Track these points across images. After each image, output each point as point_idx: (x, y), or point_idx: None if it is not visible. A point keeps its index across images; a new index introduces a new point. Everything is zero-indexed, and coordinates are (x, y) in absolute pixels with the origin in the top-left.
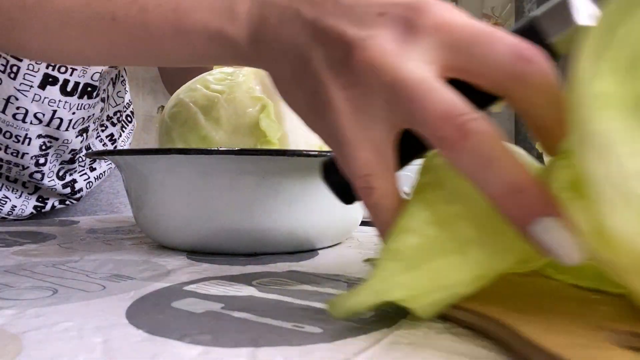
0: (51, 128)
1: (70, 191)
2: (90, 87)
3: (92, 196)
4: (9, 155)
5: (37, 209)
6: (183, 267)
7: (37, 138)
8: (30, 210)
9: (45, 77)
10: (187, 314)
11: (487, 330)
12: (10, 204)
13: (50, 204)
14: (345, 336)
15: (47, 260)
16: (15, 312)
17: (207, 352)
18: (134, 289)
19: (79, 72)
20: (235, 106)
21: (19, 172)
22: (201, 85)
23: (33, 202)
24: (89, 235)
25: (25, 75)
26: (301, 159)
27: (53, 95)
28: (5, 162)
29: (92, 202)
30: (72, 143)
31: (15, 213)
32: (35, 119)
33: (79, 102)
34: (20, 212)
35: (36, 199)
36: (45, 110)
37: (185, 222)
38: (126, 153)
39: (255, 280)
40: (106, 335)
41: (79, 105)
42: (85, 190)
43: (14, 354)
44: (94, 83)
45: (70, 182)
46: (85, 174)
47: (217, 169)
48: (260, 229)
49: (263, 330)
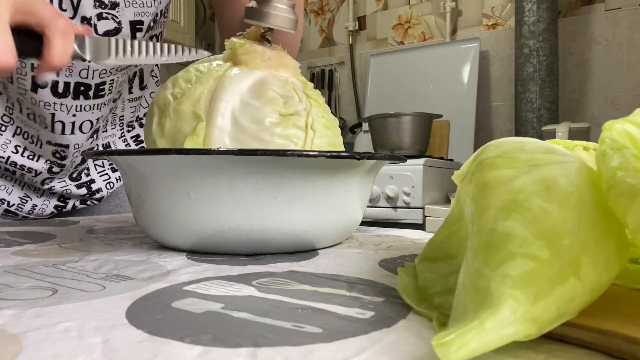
0: (56, 134)
1: (87, 192)
2: (83, 87)
3: (116, 196)
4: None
5: (58, 208)
6: (183, 267)
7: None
8: (51, 210)
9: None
10: (187, 314)
11: (610, 347)
12: (31, 203)
13: (71, 204)
14: (345, 336)
15: (47, 260)
16: (15, 312)
17: (207, 352)
18: (134, 289)
19: (65, 72)
20: (177, 118)
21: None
22: (172, 83)
23: (54, 202)
24: (89, 235)
25: (18, 79)
26: (301, 159)
27: (46, 98)
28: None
29: (117, 202)
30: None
31: (35, 212)
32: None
33: (76, 103)
34: (41, 212)
35: (57, 199)
36: (45, 114)
37: (185, 222)
38: (126, 153)
39: (255, 280)
40: (106, 335)
41: (78, 106)
42: (105, 191)
43: (14, 354)
44: (86, 82)
45: (86, 183)
46: (106, 174)
47: (217, 169)
48: (260, 229)
49: (263, 330)
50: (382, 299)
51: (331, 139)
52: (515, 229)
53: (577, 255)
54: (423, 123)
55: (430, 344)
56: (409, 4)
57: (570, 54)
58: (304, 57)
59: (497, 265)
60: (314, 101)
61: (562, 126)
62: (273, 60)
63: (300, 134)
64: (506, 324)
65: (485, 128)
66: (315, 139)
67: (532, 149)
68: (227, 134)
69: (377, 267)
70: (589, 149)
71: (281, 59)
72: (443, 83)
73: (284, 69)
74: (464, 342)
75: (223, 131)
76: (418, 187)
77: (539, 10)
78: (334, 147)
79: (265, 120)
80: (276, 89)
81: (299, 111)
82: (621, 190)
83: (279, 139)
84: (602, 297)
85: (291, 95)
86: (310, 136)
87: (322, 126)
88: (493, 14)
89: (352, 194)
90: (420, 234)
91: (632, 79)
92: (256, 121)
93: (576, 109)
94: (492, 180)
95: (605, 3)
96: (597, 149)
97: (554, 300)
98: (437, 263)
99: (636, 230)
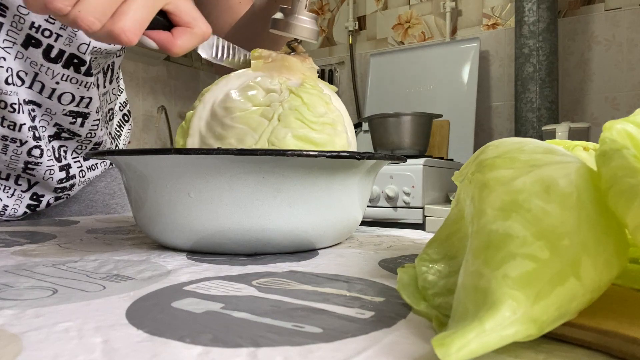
0: (34, 91)
1: (65, 176)
2: (77, 59)
3: (87, 197)
4: (7, 129)
5: (30, 207)
6: (183, 267)
7: (25, 104)
8: (24, 210)
9: (28, 38)
10: (187, 314)
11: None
12: (1, 204)
13: (45, 202)
14: (345, 336)
15: (47, 260)
16: (15, 312)
17: (207, 352)
18: (134, 289)
19: (64, 40)
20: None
21: (17, 151)
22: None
23: (26, 201)
24: (88, 235)
25: (9, 32)
26: (301, 159)
27: (35, 57)
28: (2, 139)
29: (88, 203)
30: (56, 115)
31: (7, 213)
32: (18, 78)
33: (64, 72)
34: (13, 212)
35: (30, 197)
36: (28, 70)
37: (185, 222)
38: (126, 153)
39: (255, 280)
40: (106, 335)
41: (64, 76)
42: (78, 179)
43: (14, 354)
44: (81, 56)
45: (66, 166)
46: (79, 162)
47: (217, 169)
48: (260, 229)
49: (263, 330)
50: (382, 299)
51: (302, 132)
52: (515, 229)
53: (577, 255)
54: (423, 123)
55: (430, 344)
56: (409, 4)
57: (570, 54)
58: None
59: (497, 266)
60: (297, 97)
61: (562, 126)
62: (276, 63)
63: (264, 122)
64: (506, 325)
65: (485, 128)
66: (278, 128)
67: (531, 150)
68: (204, 121)
69: (377, 267)
70: (589, 149)
71: (284, 62)
72: (443, 83)
73: (287, 70)
74: (464, 342)
75: (201, 119)
76: (418, 187)
77: (539, 10)
78: (302, 140)
79: (235, 109)
80: (263, 85)
81: (273, 103)
82: (621, 191)
83: (239, 124)
84: (602, 297)
85: (275, 90)
86: (273, 124)
87: (293, 118)
88: (493, 13)
89: (352, 194)
90: (420, 234)
91: (632, 79)
92: (228, 110)
93: (576, 109)
94: (492, 180)
95: (605, 3)
96: (597, 149)
97: (554, 301)
98: (437, 263)
99: (636, 230)
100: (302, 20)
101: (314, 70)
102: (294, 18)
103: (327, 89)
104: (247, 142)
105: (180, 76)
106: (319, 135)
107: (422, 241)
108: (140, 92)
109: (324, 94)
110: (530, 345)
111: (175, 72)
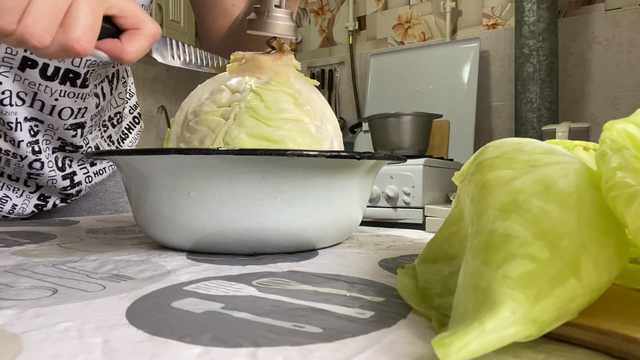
0: (35, 109)
1: (70, 184)
2: (72, 74)
3: (96, 195)
4: (9, 143)
5: (38, 207)
6: (183, 267)
7: (25, 121)
8: (31, 209)
9: (24, 60)
10: (187, 314)
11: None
12: (11, 203)
13: (52, 202)
14: (345, 336)
15: (47, 260)
16: (15, 312)
17: (207, 352)
18: (134, 289)
19: None
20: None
21: (18, 164)
22: None
23: (34, 201)
24: (89, 235)
25: (4, 58)
26: (301, 159)
27: (32, 78)
28: (4, 153)
29: (97, 201)
30: (59, 130)
31: (16, 212)
32: (19, 99)
33: (61, 88)
34: (21, 211)
35: (37, 198)
36: (27, 91)
37: (185, 222)
38: (126, 153)
39: (255, 280)
40: (106, 335)
41: (62, 92)
42: (84, 184)
43: (14, 354)
44: (76, 69)
45: (70, 175)
46: (85, 168)
47: (217, 169)
48: (260, 229)
49: (263, 330)
50: (382, 299)
51: (257, 130)
52: (514, 229)
53: (577, 255)
54: (423, 123)
55: (430, 344)
56: (409, 4)
57: (570, 54)
58: (304, 57)
59: (497, 266)
60: (256, 95)
61: (562, 126)
62: (248, 64)
63: (221, 122)
64: (506, 325)
65: (485, 128)
66: (232, 127)
67: (531, 150)
68: (179, 127)
69: (377, 267)
70: (589, 149)
71: (255, 62)
72: (443, 83)
73: (258, 70)
74: (464, 343)
75: (178, 124)
76: (418, 187)
77: (539, 10)
78: (256, 138)
79: (201, 112)
80: (231, 87)
81: (233, 104)
82: (621, 191)
83: (202, 127)
84: (602, 297)
85: (239, 91)
86: (229, 124)
87: (247, 116)
88: (493, 13)
89: (352, 194)
90: (420, 234)
91: (632, 79)
92: (195, 114)
93: (576, 109)
94: (492, 181)
95: (605, 3)
96: (597, 149)
97: (554, 301)
98: (437, 264)
99: (636, 230)
100: (275, 17)
101: (289, 67)
102: (266, 16)
103: (304, 84)
104: (206, 143)
105: (180, 76)
106: (277, 132)
107: (422, 241)
108: (140, 92)
109: (292, 90)
110: (530, 345)
111: (175, 72)
